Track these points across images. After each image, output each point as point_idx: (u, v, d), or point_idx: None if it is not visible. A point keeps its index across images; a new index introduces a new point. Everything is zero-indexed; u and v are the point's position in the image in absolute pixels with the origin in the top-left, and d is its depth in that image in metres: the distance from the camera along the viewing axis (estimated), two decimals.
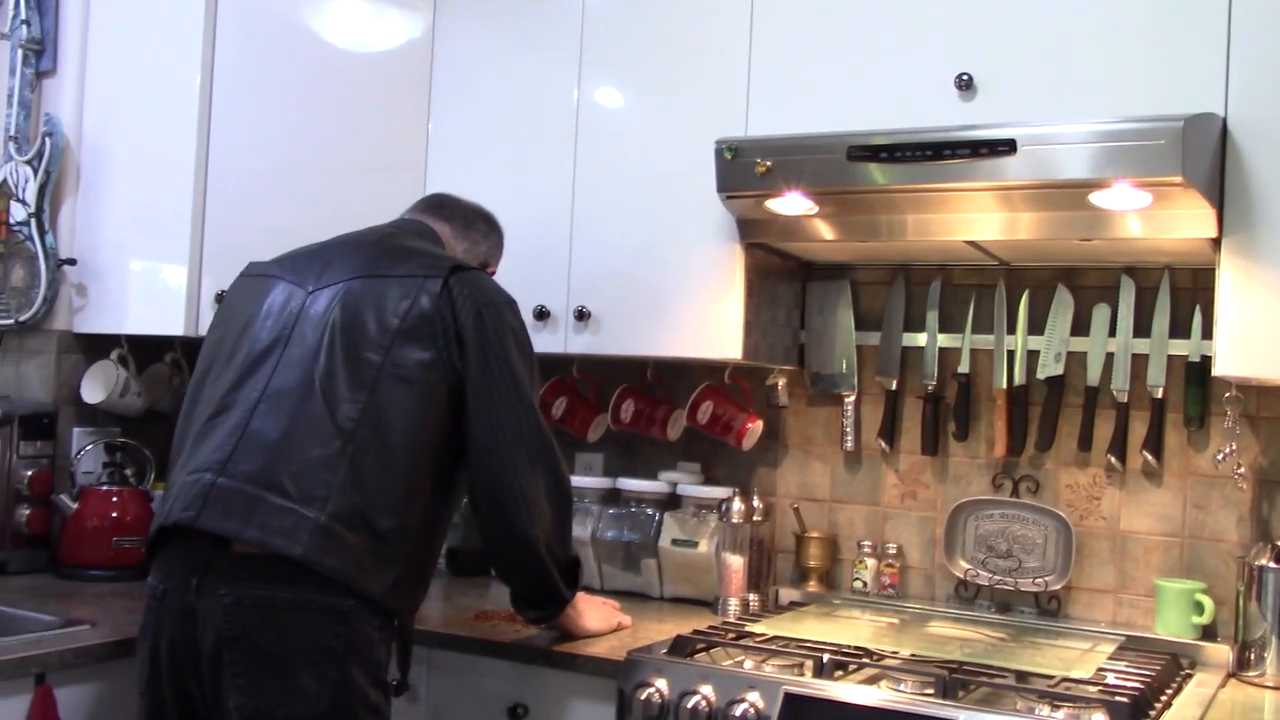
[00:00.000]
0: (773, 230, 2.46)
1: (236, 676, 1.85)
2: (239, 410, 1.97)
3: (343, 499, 1.88)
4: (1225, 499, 2.43)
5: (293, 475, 1.89)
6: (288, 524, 1.86)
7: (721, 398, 2.77)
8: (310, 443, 1.91)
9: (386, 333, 1.98)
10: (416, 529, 1.97)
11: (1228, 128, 2.08)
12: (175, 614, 1.91)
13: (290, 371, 1.98)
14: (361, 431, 1.92)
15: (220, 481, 1.90)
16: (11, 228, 2.80)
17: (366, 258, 2.09)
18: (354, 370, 1.95)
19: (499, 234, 2.41)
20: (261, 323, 2.06)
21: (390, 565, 1.92)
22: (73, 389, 2.83)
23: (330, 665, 1.86)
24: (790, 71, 2.45)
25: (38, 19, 2.84)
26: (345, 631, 1.86)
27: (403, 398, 1.95)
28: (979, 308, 2.63)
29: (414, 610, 2.07)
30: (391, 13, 2.86)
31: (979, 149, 2.09)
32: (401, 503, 1.94)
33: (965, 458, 2.66)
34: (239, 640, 1.85)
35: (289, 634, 1.85)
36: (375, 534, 1.90)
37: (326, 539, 1.85)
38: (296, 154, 2.71)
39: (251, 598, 1.85)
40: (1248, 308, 2.07)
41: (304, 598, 1.85)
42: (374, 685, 1.91)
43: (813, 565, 2.73)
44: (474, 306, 2.01)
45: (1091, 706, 1.87)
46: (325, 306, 2.02)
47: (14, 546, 2.68)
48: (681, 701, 2.00)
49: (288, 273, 2.12)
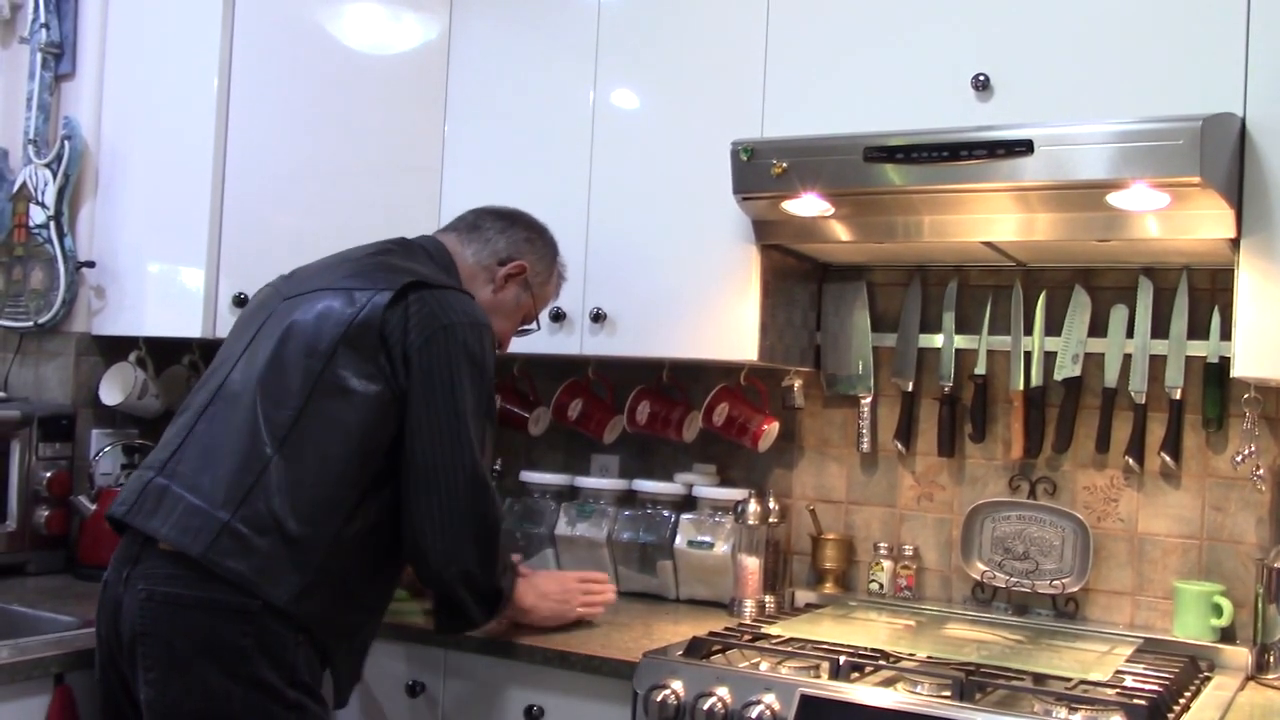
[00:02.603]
0: (789, 231, 2.46)
1: (147, 671, 1.87)
2: (192, 411, 2.04)
3: (257, 502, 1.88)
4: (1244, 501, 2.41)
5: (214, 477, 1.91)
6: (195, 523, 1.88)
7: (737, 399, 2.76)
8: (237, 446, 1.93)
9: (329, 341, 1.97)
10: (334, 540, 1.92)
11: (1246, 128, 2.07)
12: (109, 607, 1.96)
13: (239, 377, 2.01)
14: (291, 439, 1.92)
15: (157, 480, 1.96)
16: (31, 230, 2.82)
17: (346, 271, 2.08)
18: (293, 377, 1.96)
19: (527, 228, 2.33)
20: (239, 331, 2.12)
21: (297, 572, 1.88)
22: (91, 391, 2.85)
23: (239, 662, 1.86)
24: (806, 72, 2.45)
25: (57, 23, 2.85)
26: (253, 630, 1.86)
27: (337, 408, 1.94)
28: (996, 309, 2.62)
29: (342, 632, 2.00)
30: (407, 16, 2.87)
31: (996, 150, 2.08)
32: (318, 511, 1.91)
33: (982, 459, 2.65)
34: (149, 635, 1.87)
35: (195, 631, 1.86)
36: (285, 539, 1.88)
37: (231, 541, 1.86)
38: (313, 156, 2.72)
39: (162, 594, 1.88)
40: (1267, 308, 2.06)
41: (210, 596, 1.86)
42: (291, 685, 1.89)
43: (829, 567, 2.72)
44: (429, 327, 1.97)
45: (1109, 709, 1.86)
46: (285, 316, 2.04)
47: (33, 547, 2.70)
48: (697, 703, 1.99)
49: (281, 284, 2.16)
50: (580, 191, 2.67)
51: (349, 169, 2.76)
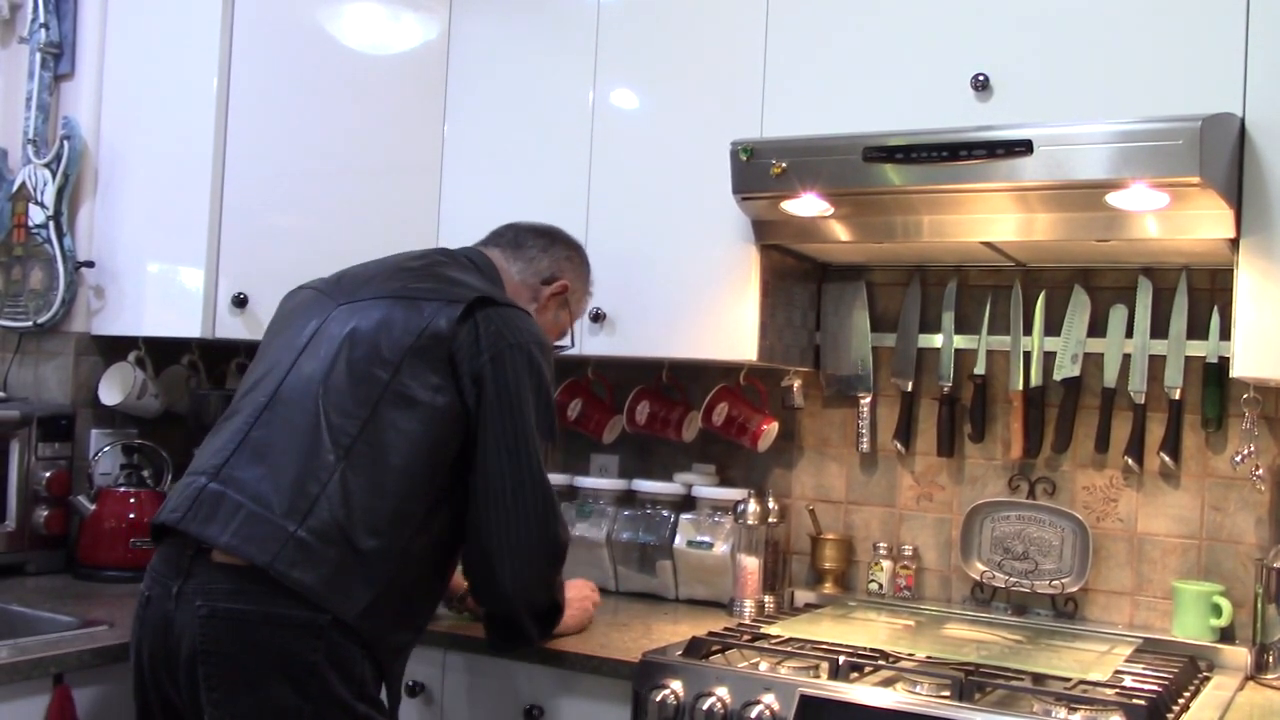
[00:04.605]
0: (788, 231, 2.46)
1: (211, 690, 1.81)
2: (244, 416, 1.96)
3: (324, 514, 1.83)
4: (1243, 501, 2.41)
5: (278, 486, 1.85)
6: (261, 533, 1.82)
7: (737, 399, 2.76)
8: (302, 455, 1.87)
9: (397, 351, 1.93)
10: (401, 554, 1.89)
11: (1245, 127, 2.07)
12: (156, 623, 1.89)
13: (298, 383, 1.95)
14: (357, 448, 1.88)
15: (211, 486, 1.88)
16: (30, 230, 2.82)
17: (403, 280, 2.04)
18: (358, 386, 1.91)
19: (566, 246, 2.32)
20: (288, 333, 2.06)
21: (366, 586, 1.85)
22: (90, 391, 2.85)
23: (309, 678, 1.81)
24: (805, 72, 2.45)
25: (56, 23, 2.85)
26: (322, 645, 1.81)
27: (404, 419, 1.90)
28: (995, 309, 2.62)
29: (397, 649, 1.98)
30: (407, 15, 2.87)
31: (995, 150, 2.09)
32: (387, 524, 1.88)
33: (981, 459, 2.65)
34: (212, 654, 1.81)
35: (262, 647, 1.81)
36: (354, 551, 1.84)
37: (299, 551, 1.81)
38: (312, 156, 2.72)
39: (225, 610, 1.82)
40: (1266, 308, 2.06)
41: (277, 611, 1.81)
42: (360, 699, 1.86)
43: (828, 567, 2.72)
44: (497, 345, 1.95)
45: (1109, 709, 1.86)
46: (344, 322, 1.99)
47: (32, 547, 2.70)
48: (697, 703, 1.99)
49: (329, 288, 2.11)
50: (580, 191, 2.67)
51: (348, 169, 2.76)
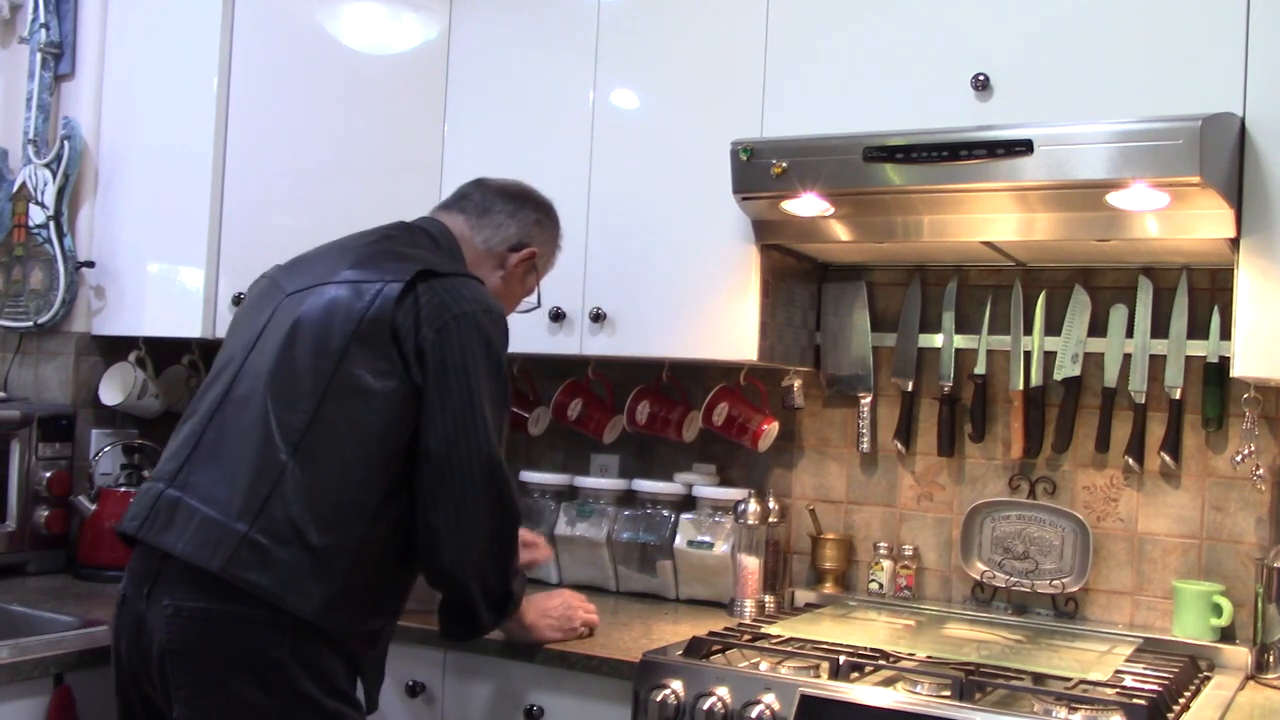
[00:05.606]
0: (789, 231, 2.46)
1: (179, 688, 1.81)
2: (199, 418, 1.93)
3: (276, 513, 1.80)
4: (1244, 500, 2.41)
5: (232, 488, 1.83)
6: (213, 537, 1.80)
7: (737, 399, 2.76)
8: (250, 453, 1.84)
9: (340, 339, 1.88)
10: (357, 546, 1.85)
11: (1246, 127, 2.07)
12: (129, 622, 1.88)
13: (247, 379, 1.91)
14: (305, 444, 1.84)
15: (169, 492, 1.87)
16: (30, 230, 2.82)
17: (349, 261, 1.99)
18: (304, 379, 1.87)
19: (535, 208, 2.25)
20: (243, 329, 2.02)
21: (323, 582, 1.81)
22: (91, 391, 2.85)
23: (275, 675, 1.79)
24: (806, 72, 2.45)
25: (56, 23, 2.85)
26: (287, 642, 1.80)
27: (353, 409, 1.86)
28: (995, 308, 2.62)
29: (369, 637, 1.94)
30: (407, 15, 2.87)
31: (996, 149, 2.09)
32: (340, 518, 1.84)
33: (982, 459, 2.65)
34: (179, 653, 1.80)
35: (228, 645, 1.79)
36: (308, 549, 1.80)
37: (252, 553, 1.78)
38: (313, 156, 2.72)
39: (190, 609, 1.80)
40: (1266, 308, 2.06)
41: (240, 609, 1.79)
42: (328, 694, 1.84)
43: (828, 567, 2.72)
44: (440, 317, 1.89)
45: (1109, 709, 1.86)
46: (291, 312, 1.94)
47: (33, 547, 2.70)
48: (697, 703, 1.99)
49: (282, 275, 2.07)
50: (580, 191, 2.67)
51: (348, 168, 2.76)
